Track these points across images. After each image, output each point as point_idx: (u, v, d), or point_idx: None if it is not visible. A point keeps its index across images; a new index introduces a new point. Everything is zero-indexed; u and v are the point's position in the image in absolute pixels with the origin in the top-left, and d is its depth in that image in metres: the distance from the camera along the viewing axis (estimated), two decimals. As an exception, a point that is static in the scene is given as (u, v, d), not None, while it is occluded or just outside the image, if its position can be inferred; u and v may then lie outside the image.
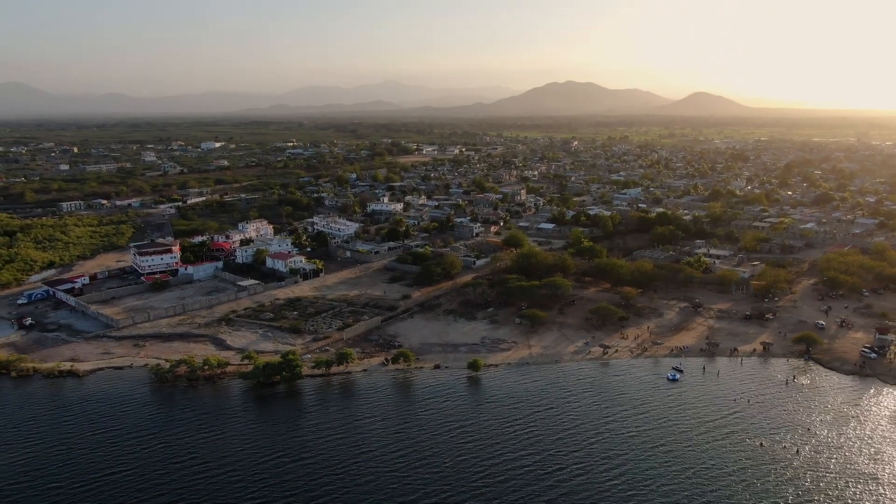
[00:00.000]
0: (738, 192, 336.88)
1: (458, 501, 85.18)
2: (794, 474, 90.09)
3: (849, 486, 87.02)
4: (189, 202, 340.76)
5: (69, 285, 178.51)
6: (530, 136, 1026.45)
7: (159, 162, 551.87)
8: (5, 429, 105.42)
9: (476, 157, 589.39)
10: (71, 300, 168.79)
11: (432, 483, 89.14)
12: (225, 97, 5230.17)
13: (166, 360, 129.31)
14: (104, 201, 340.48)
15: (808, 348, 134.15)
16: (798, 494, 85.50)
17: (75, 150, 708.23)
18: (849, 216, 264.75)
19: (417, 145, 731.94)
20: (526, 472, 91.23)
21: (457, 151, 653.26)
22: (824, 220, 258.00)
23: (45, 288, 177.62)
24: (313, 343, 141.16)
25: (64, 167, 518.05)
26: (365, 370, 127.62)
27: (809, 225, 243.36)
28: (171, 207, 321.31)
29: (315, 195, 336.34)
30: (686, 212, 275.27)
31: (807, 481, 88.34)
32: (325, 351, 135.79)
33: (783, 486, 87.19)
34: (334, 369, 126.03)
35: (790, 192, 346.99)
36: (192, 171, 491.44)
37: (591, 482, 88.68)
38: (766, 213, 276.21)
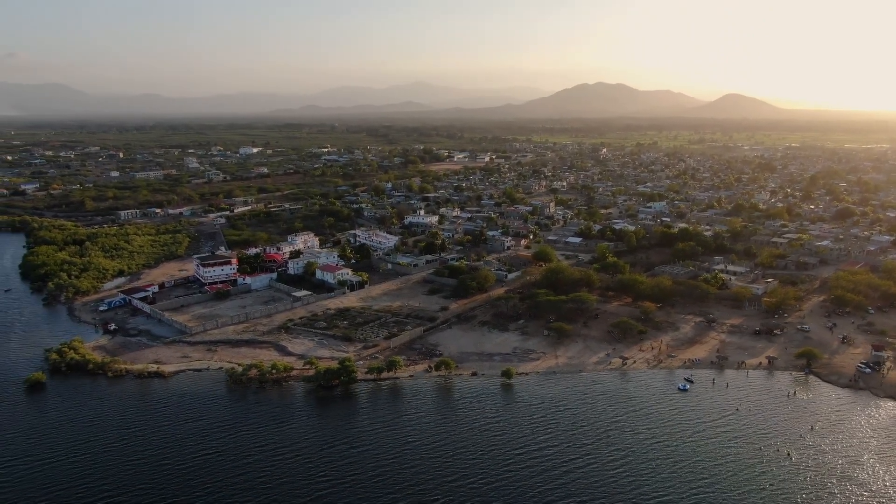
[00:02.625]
0: (760, 206, 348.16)
1: (489, 482, 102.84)
2: (784, 475, 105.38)
3: (828, 485, 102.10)
4: (236, 211, 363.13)
5: (143, 293, 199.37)
6: (560, 141, 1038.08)
7: (202, 169, 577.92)
8: (117, 420, 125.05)
9: (506, 166, 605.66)
10: (146, 308, 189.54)
11: (468, 468, 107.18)
12: (257, 98, 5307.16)
13: (238, 364, 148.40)
14: (158, 210, 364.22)
15: (808, 362, 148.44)
16: (786, 491, 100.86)
17: (121, 154, 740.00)
18: (865, 233, 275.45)
19: (449, 152, 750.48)
20: (546, 460, 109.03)
21: (487, 159, 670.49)
22: (841, 237, 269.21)
23: (122, 296, 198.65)
24: (364, 350, 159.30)
25: (114, 174, 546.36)
26: (411, 376, 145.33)
27: (825, 242, 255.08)
28: (220, 217, 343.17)
29: (354, 206, 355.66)
30: (707, 228, 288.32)
31: (794, 481, 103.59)
32: (375, 358, 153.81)
33: (773, 484, 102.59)
34: (384, 375, 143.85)
35: (812, 206, 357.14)
36: (235, 178, 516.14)
37: (600, 470, 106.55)
38: (785, 229, 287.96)
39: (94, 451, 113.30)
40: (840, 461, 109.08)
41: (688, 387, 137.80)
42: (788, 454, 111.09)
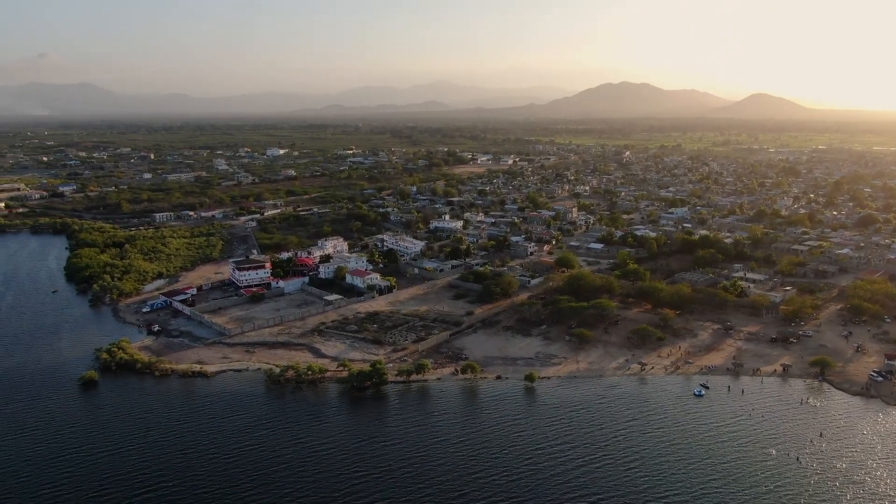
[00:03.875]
0: (782, 213, 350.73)
1: (510, 477, 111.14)
2: (790, 477, 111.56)
3: (832, 488, 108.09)
4: (266, 214, 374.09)
5: (183, 296, 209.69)
6: (583, 143, 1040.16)
7: (231, 171, 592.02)
8: (166, 416, 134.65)
9: (529, 169, 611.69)
10: (186, 310, 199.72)
11: (491, 464, 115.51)
12: (282, 97, 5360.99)
13: (275, 365, 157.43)
14: (191, 213, 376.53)
15: (822, 370, 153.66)
16: (791, 492, 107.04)
17: (152, 156, 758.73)
18: (886, 241, 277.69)
19: (472, 154, 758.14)
20: (564, 458, 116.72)
21: (510, 162, 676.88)
22: (862, 245, 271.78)
23: (164, 298, 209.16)
24: (393, 353, 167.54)
25: (147, 175, 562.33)
26: (439, 379, 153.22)
27: (845, 250, 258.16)
28: (251, 220, 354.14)
29: (381, 210, 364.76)
30: (728, 234, 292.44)
31: (800, 483, 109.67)
32: (404, 361, 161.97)
33: (780, 485, 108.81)
34: (413, 377, 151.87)
35: (835, 213, 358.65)
36: (263, 180, 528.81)
37: (614, 467, 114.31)
38: (806, 236, 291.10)
39: (148, 444, 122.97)
40: (845, 465, 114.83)
41: (703, 392, 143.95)
42: (797, 458, 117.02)
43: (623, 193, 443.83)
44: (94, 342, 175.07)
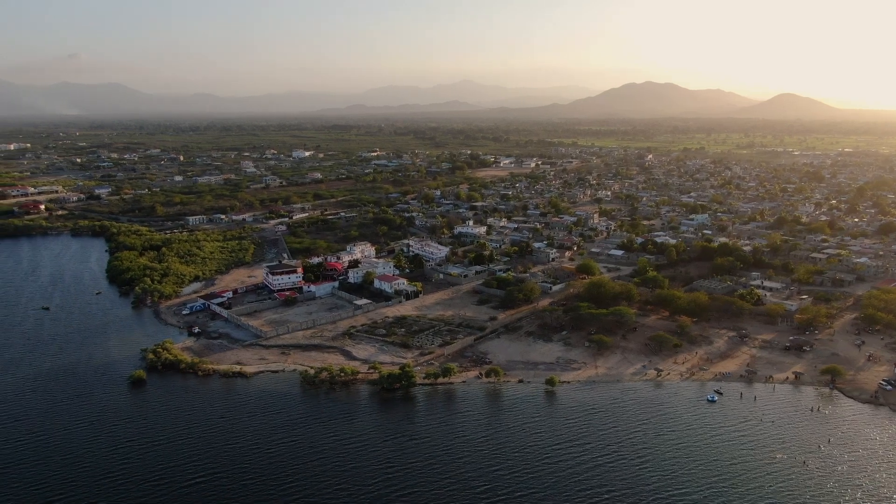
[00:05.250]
0: (802, 219, 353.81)
1: (529, 472, 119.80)
2: (795, 478, 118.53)
3: (834, 490, 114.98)
4: (294, 218, 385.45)
5: (220, 299, 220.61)
6: (605, 145, 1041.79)
7: (259, 173, 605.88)
8: (210, 413, 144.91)
9: (552, 173, 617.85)
10: (224, 312, 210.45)
11: (511, 461, 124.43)
12: (306, 97, 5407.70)
13: (310, 367, 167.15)
14: (223, 216, 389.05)
15: (832, 378, 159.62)
16: (797, 493, 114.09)
17: (181, 158, 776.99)
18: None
19: (495, 157, 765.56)
20: (579, 456, 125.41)
21: (533, 165, 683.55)
22: (881, 253, 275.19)
23: (202, 301, 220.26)
24: (420, 357, 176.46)
25: (178, 178, 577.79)
26: (464, 381, 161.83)
27: (863, 259, 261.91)
28: (280, 224, 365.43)
29: (406, 215, 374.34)
30: (747, 242, 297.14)
31: (805, 484, 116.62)
32: (431, 364, 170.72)
33: (784, 485, 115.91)
34: (440, 380, 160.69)
35: (857, 220, 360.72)
36: (290, 183, 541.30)
37: (626, 465, 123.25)
38: (825, 244, 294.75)
39: (196, 437, 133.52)
40: (849, 469, 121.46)
41: (716, 398, 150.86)
42: (804, 462, 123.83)
43: (644, 199, 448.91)
44: (140, 342, 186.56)
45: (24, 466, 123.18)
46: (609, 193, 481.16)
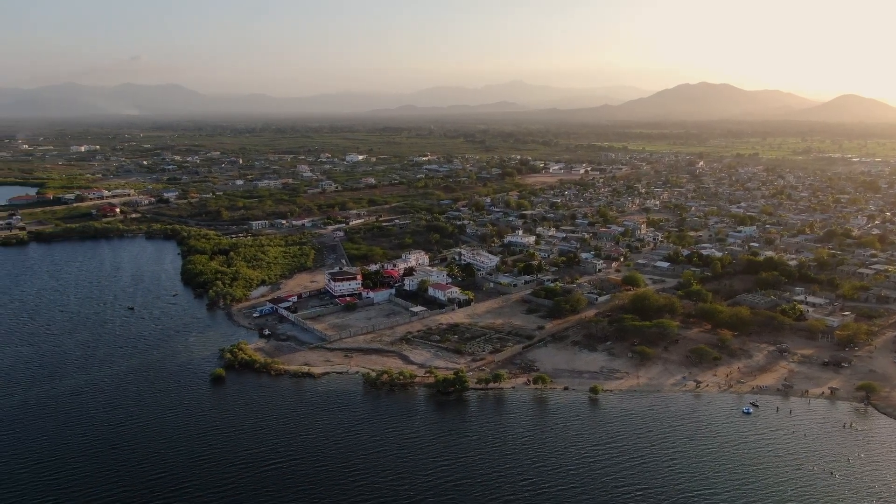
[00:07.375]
0: (853, 233, 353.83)
1: (569, 469, 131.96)
2: (822, 487, 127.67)
3: (857, 499, 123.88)
4: (351, 224, 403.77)
5: (286, 303, 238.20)
6: (657, 150, 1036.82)
7: (315, 178, 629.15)
8: (283, 409, 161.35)
9: (601, 180, 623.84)
10: (291, 316, 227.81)
11: (554, 459, 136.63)
12: (357, 97, 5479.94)
13: (371, 370, 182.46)
14: (283, 221, 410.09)
15: (867, 395, 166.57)
16: (819, 499, 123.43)
17: (240, 161, 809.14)
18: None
19: (544, 163, 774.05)
20: (619, 457, 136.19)
21: (582, 171, 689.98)
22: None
23: (270, 305, 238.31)
24: (473, 363, 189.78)
25: (239, 182, 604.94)
26: (513, 387, 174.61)
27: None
28: (338, 229, 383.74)
29: (458, 223, 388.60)
30: (794, 256, 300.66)
31: (832, 494, 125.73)
32: (482, 370, 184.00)
33: (812, 493, 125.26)
34: (491, 385, 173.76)
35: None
36: (345, 188, 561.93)
37: (657, 467, 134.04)
38: (874, 259, 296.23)
39: (273, 429, 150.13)
40: (877, 483, 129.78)
41: (752, 410, 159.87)
42: (832, 473, 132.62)
43: (693, 209, 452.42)
44: (216, 342, 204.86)
45: (127, 450, 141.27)
46: (657, 203, 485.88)
